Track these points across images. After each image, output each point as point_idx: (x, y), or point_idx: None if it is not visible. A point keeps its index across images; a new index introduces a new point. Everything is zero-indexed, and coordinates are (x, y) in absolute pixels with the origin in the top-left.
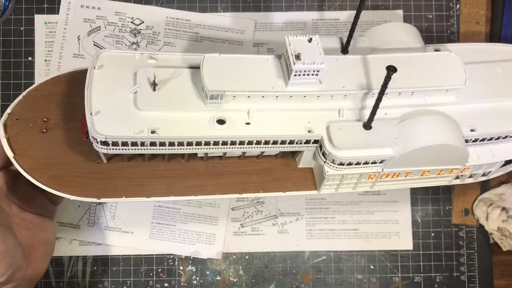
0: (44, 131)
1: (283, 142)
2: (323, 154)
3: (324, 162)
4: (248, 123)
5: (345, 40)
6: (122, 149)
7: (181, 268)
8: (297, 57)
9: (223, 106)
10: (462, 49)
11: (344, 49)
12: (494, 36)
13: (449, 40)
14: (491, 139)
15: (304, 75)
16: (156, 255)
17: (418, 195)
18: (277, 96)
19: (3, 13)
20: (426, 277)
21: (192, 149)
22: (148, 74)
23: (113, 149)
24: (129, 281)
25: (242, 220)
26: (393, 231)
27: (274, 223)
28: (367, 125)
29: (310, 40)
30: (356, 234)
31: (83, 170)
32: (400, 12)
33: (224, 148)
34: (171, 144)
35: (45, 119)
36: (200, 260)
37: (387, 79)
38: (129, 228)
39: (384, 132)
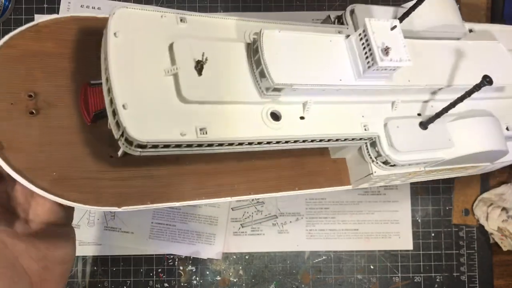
0: (33, 112)
1: (337, 140)
2: (377, 153)
3: (373, 161)
4: (302, 118)
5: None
6: (161, 151)
7: (181, 268)
8: (386, 51)
9: (280, 98)
10: (493, 30)
11: (392, 29)
12: None
13: None
14: None
15: (384, 70)
16: (156, 255)
17: (418, 195)
18: (340, 88)
19: (3, 13)
20: (426, 277)
21: (242, 148)
22: (191, 49)
23: (149, 151)
24: (129, 281)
25: (242, 220)
26: (393, 231)
27: (274, 223)
28: (425, 125)
29: (393, 28)
30: (356, 234)
31: (92, 168)
32: None
33: (276, 146)
34: (220, 144)
35: (31, 94)
36: (200, 260)
37: (477, 88)
38: (129, 228)
39: (439, 133)
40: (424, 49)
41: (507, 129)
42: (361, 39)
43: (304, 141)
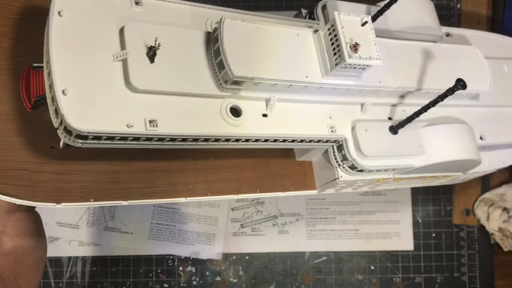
0: None
1: (301, 141)
2: (343, 156)
3: (339, 165)
4: (265, 115)
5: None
6: (104, 144)
7: (180, 268)
8: (355, 47)
9: (241, 92)
10: (471, 35)
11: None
12: None
13: None
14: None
15: (353, 68)
16: (155, 255)
17: (419, 196)
18: (306, 86)
19: None
20: (427, 277)
21: (197, 145)
22: (144, 34)
23: (91, 143)
24: (128, 282)
25: (242, 221)
26: (394, 231)
27: (274, 223)
28: (395, 130)
29: (364, 24)
30: (357, 235)
31: (29, 159)
32: None
33: (236, 144)
34: (173, 139)
35: None
36: (199, 260)
37: (450, 92)
38: (129, 229)
39: (410, 139)
40: (397, 49)
41: (481, 138)
42: (330, 33)
43: (266, 141)
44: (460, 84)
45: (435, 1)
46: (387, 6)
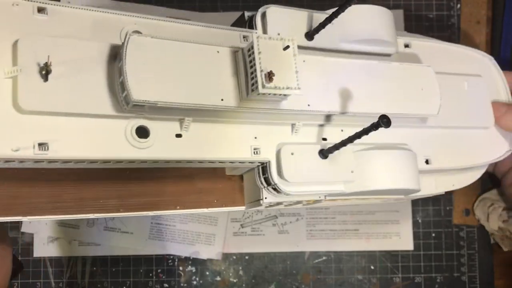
0: None
1: (221, 162)
2: (265, 179)
3: (264, 187)
4: (179, 135)
5: (315, 20)
6: None
7: (180, 268)
8: (269, 76)
9: (147, 113)
10: (432, 47)
11: (310, 35)
12: (495, 35)
13: (449, 39)
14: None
15: (269, 94)
16: (155, 255)
17: None
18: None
19: None
20: (427, 277)
21: (97, 166)
22: (39, 48)
23: None
24: (128, 282)
25: (242, 221)
26: (394, 231)
27: (274, 223)
28: (325, 154)
29: (286, 48)
30: (357, 235)
31: None
32: (400, 12)
33: (143, 164)
34: (66, 162)
35: None
36: (200, 260)
37: (373, 128)
38: (129, 228)
39: (341, 164)
40: (337, 68)
41: (426, 162)
42: (250, 55)
43: (179, 161)
44: (384, 121)
45: (435, 1)
46: (329, 19)
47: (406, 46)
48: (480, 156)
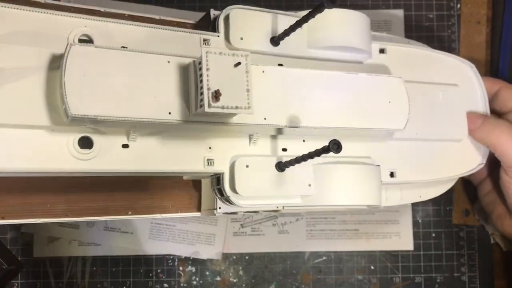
0: None
1: (172, 173)
2: (219, 190)
3: (219, 198)
4: (126, 145)
5: (281, 26)
6: None
7: (180, 268)
8: (215, 95)
9: (90, 125)
10: (410, 53)
11: (276, 41)
12: (495, 35)
13: (449, 39)
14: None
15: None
16: (155, 255)
17: None
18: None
19: None
20: (427, 277)
21: (40, 175)
22: None
23: None
24: (128, 282)
25: (242, 220)
26: (394, 231)
27: (274, 223)
28: (282, 168)
29: (237, 65)
30: (357, 235)
31: None
32: (401, 11)
33: (86, 174)
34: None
35: None
36: (200, 260)
37: (323, 152)
38: (129, 228)
39: (298, 177)
40: (299, 79)
41: (391, 175)
42: (200, 69)
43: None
44: (334, 147)
45: (435, 1)
46: (305, 20)
47: (382, 51)
48: (450, 170)
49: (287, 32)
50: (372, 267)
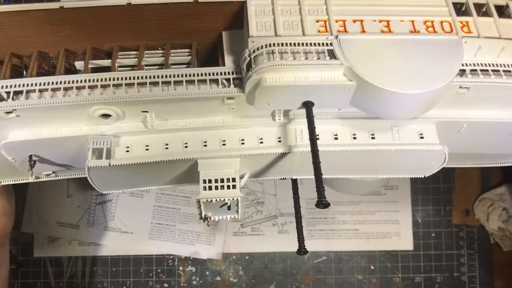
0: None
1: None
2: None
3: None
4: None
5: None
6: None
7: (180, 268)
8: (206, 218)
9: None
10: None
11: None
12: None
13: None
14: None
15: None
16: (155, 255)
17: (419, 196)
18: None
19: None
20: (427, 277)
21: None
22: None
23: None
24: (128, 282)
25: (242, 220)
26: (394, 231)
27: (274, 223)
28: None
29: (222, 206)
30: (357, 235)
31: None
32: None
33: None
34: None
35: None
36: (200, 260)
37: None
38: (129, 228)
39: None
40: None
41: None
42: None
43: None
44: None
45: None
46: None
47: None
48: None
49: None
50: (372, 267)
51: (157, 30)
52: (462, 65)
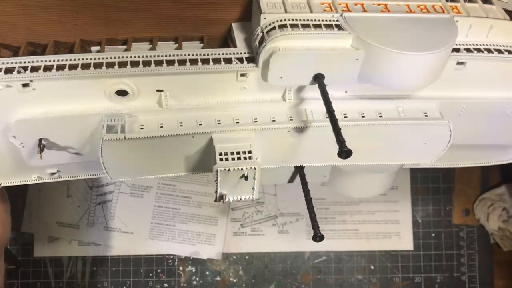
0: None
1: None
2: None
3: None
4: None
5: None
6: None
7: (180, 268)
8: (222, 198)
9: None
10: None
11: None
12: None
13: None
14: None
15: None
16: (155, 255)
17: (419, 196)
18: None
19: None
20: (427, 277)
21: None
22: None
23: None
24: (128, 282)
25: (242, 220)
26: (394, 231)
27: (274, 223)
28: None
29: (242, 177)
30: (357, 235)
31: None
32: None
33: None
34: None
35: None
36: (200, 260)
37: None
38: (129, 228)
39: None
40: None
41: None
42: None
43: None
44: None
45: None
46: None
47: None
48: None
49: None
50: (372, 267)
51: (171, 20)
52: (456, 45)
